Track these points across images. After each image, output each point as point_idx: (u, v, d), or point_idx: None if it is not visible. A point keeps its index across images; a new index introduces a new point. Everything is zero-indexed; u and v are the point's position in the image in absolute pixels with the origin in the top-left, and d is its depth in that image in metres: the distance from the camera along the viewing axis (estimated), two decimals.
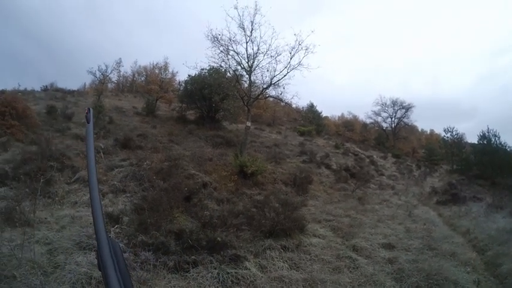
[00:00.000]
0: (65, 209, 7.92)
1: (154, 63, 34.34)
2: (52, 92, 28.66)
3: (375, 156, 30.68)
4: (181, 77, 40.89)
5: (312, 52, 16.85)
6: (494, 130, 26.52)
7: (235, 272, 5.69)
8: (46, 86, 31.18)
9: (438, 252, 8.10)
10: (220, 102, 22.48)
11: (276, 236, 7.72)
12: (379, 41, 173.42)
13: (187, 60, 49.15)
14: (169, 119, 24.80)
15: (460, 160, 30.05)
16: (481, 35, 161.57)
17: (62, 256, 5.24)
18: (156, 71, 32.16)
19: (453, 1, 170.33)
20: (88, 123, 1.37)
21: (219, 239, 6.46)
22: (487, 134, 26.56)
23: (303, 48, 16.79)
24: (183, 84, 26.10)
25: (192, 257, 5.85)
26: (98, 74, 26.26)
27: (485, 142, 26.42)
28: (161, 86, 27.96)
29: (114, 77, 33.13)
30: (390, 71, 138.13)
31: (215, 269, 5.68)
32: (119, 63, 28.18)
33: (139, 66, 42.85)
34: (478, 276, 6.94)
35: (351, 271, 6.69)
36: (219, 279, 5.42)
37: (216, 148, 17.74)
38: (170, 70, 30.43)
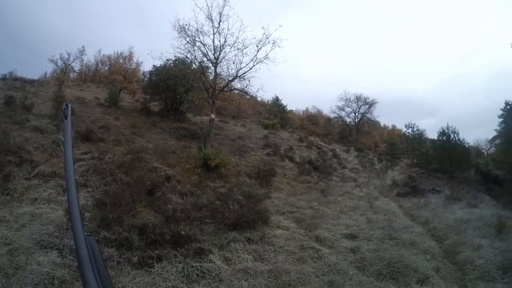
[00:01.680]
0: (25, 206, 7.54)
1: (119, 52, 33.58)
2: (11, 81, 27.56)
3: (337, 150, 31.28)
4: (146, 67, 40.13)
5: (278, 46, 16.96)
6: (453, 127, 27.73)
7: (200, 266, 5.66)
8: (4, 75, 29.76)
9: (399, 241, 8.30)
10: (185, 93, 22.36)
11: (240, 228, 7.72)
12: (350, 40, 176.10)
13: (153, 50, 48.24)
14: (133, 111, 24.33)
15: (420, 154, 31.62)
16: (449, 41, 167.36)
17: (23, 256, 5.04)
18: (121, 61, 31.43)
19: (426, 8, 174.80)
20: (65, 119, 1.37)
21: (182, 232, 6.37)
22: (446, 130, 27.74)
23: (270, 42, 16.88)
24: (148, 75, 25.70)
25: (156, 251, 5.77)
26: (59, 62, 25.08)
27: (444, 138, 27.56)
28: (125, 76, 27.35)
29: (76, 66, 31.91)
30: (360, 68, 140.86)
31: (180, 263, 5.62)
32: (81, 51, 27.47)
33: (103, 55, 42.01)
34: (437, 264, 7.17)
35: (314, 261, 6.79)
36: (184, 273, 5.39)
37: (179, 140, 17.66)
38: (135, 60, 29.95)
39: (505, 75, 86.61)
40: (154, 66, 24.19)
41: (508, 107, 27.32)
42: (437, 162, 27.59)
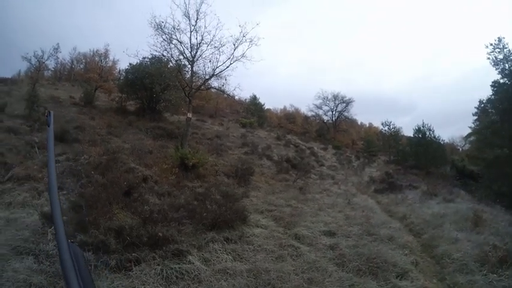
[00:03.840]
0: None
1: (95, 50, 33.04)
2: None
3: (315, 148, 31.44)
4: (122, 65, 39.45)
5: (256, 44, 17.06)
6: (428, 124, 29.06)
7: (179, 267, 5.61)
8: None
9: (377, 237, 8.41)
10: (162, 92, 22.13)
11: (218, 228, 7.68)
12: (327, 38, 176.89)
13: (129, 47, 47.53)
14: (109, 110, 23.82)
15: (397, 151, 32.86)
16: (421, 39, 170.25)
17: None
18: (96, 59, 30.99)
19: (398, 7, 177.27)
20: (48, 126, 1.36)
21: (160, 234, 6.31)
22: (422, 128, 29.05)
23: (247, 40, 16.95)
24: (124, 73, 25.18)
25: (134, 254, 5.70)
26: (33, 60, 24.38)
27: (420, 135, 28.83)
28: (101, 74, 26.87)
29: (51, 64, 30.90)
30: (336, 67, 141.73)
31: (158, 265, 5.57)
32: (56, 49, 26.40)
33: (79, 53, 41.01)
34: (415, 258, 7.29)
35: (293, 259, 6.78)
36: (163, 276, 5.34)
37: (156, 140, 17.48)
38: (111, 58, 29.48)
39: (477, 73, 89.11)
40: (130, 64, 23.78)
41: (482, 105, 28.26)
42: (413, 158, 28.55)
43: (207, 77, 18.01)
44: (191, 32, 17.07)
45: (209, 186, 11.65)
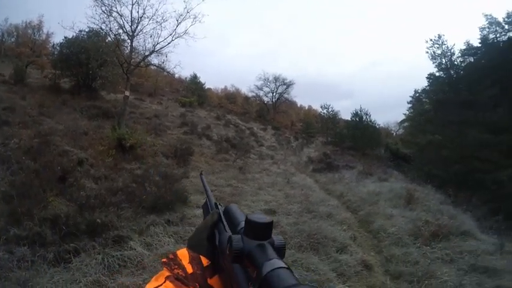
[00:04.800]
0: None
1: (28, 21, 30.82)
2: None
3: (255, 128, 31.68)
4: (57, 39, 36.82)
5: (200, 21, 16.82)
6: (365, 109, 31.21)
7: (121, 254, 5.48)
8: None
9: (316, 214, 8.68)
10: (98, 69, 20.87)
11: (159, 210, 7.59)
12: (282, 23, 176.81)
13: (64, 19, 44.66)
14: (41, 88, 22.16)
15: (335, 133, 34.52)
16: (373, 28, 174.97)
17: None
18: (29, 31, 29.02)
19: None
20: None
21: (98, 220, 6.11)
22: (359, 112, 31.06)
23: (191, 17, 16.67)
24: (58, 48, 23.33)
25: (72, 244, 5.46)
26: None
27: (357, 119, 30.62)
28: (33, 48, 25.30)
29: None
30: (287, 51, 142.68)
31: (99, 254, 5.38)
32: None
33: (10, 24, 38.06)
34: (354, 233, 7.71)
35: None
36: (105, 265, 5.17)
37: (92, 120, 16.64)
38: (45, 31, 27.63)
39: (418, 65, 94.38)
40: (65, 37, 22.19)
41: (417, 94, 30.80)
42: (350, 140, 30.43)
43: (147, 53, 17.45)
44: (133, 4, 16.35)
45: (148, 167, 11.45)
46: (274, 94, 48.95)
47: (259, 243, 0.71)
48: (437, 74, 24.35)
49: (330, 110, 37.84)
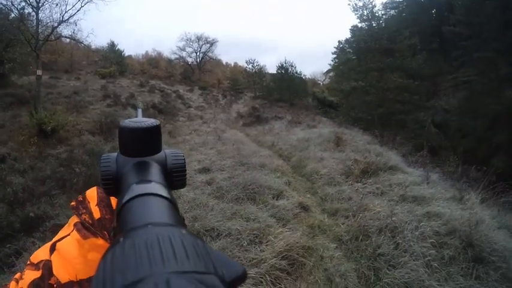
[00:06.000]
0: None
1: None
2: None
3: (181, 91, 31.14)
4: None
5: None
6: (290, 61, 31.69)
7: None
8: None
9: (250, 166, 8.58)
10: (4, 51, 18.49)
11: None
12: None
13: None
14: None
15: (262, 87, 35.15)
16: None
17: None
18: None
19: None
20: None
21: (31, 214, 5.80)
22: (284, 64, 31.69)
23: None
24: None
25: (9, 245, 5.13)
26: None
27: (283, 71, 31.25)
28: None
29: None
30: (208, 7, 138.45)
31: None
32: None
33: None
34: (288, 179, 7.73)
35: None
36: None
37: (7, 110, 15.30)
38: None
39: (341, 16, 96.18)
40: None
41: (341, 45, 32.30)
42: (277, 93, 31.15)
43: (55, 24, 16.23)
44: None
45: (73, 148, 11.04)
46: (198, 54, 47.58)
47: (138, 160, 0.49)
48: (359, 25, 25.62)
49: (255, 64, 37.75)
